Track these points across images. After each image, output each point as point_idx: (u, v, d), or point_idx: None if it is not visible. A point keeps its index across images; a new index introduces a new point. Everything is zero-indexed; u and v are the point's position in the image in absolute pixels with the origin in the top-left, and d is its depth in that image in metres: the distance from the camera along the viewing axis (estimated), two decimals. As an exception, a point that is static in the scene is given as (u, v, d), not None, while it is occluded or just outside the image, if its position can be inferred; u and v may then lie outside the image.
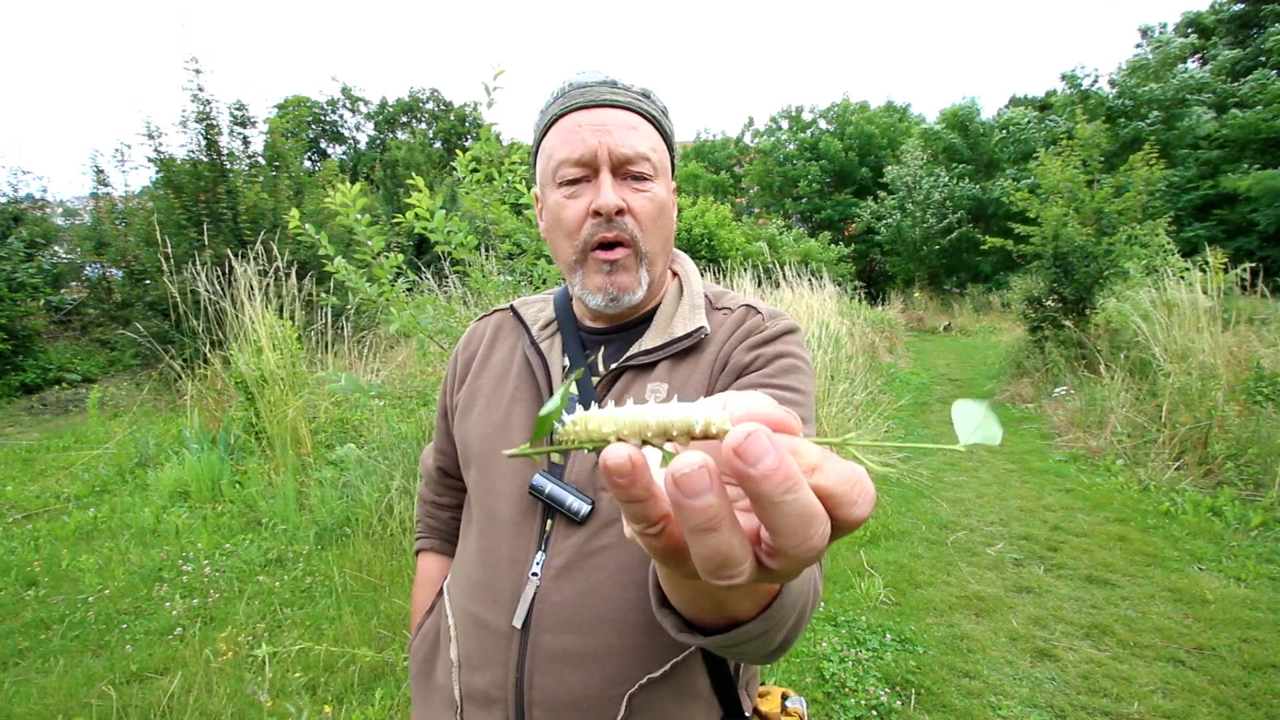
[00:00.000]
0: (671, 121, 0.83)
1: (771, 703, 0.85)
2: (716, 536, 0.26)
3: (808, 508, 0.25)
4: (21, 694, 2.31)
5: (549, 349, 0.84)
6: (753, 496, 0.25)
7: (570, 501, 0.73)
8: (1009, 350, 8.61)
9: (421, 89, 27.37)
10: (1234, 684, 2.27)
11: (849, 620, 2.77)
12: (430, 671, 0.85)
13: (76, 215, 12.20)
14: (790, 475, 0.24)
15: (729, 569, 0.27)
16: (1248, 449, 4.04)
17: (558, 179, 0.77)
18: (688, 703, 0.73)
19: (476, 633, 0.77)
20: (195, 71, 7.66)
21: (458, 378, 0.91)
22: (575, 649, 0.71)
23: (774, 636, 0.50)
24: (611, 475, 0.26)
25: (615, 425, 0.29)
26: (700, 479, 0.25)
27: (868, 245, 21.23)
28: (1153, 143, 7.98)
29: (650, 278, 0.80)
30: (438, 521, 0.99)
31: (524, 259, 3.21)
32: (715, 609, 0.46)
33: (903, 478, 4.58)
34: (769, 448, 0.24)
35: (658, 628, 0.71)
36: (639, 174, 0.76)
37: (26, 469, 5.23)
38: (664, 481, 0.26)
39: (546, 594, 0.73)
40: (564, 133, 0.76)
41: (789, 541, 0.26)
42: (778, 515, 0.25)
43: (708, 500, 0.25)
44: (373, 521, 3.54)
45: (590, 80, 0.77)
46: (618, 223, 0.75)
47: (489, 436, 0.81)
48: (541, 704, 0.71)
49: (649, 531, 0.29)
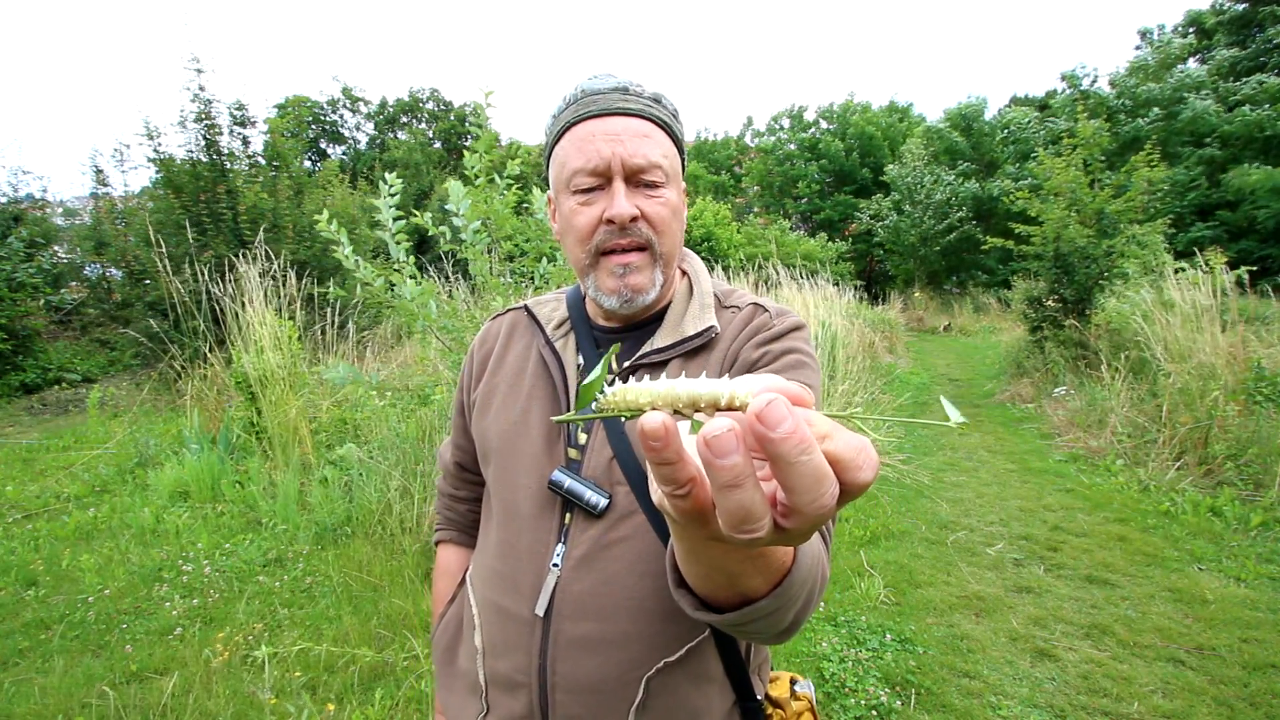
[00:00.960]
0: (682, 124, 0.84)
1: (781, 688, 0.87)
2: (741, 492, 0.29)
3: (820, 469, 0.28)
4: (21, 694, 2.31)
5: (563, 348, 0.86)
6: (772, 458, 0.28)
7: (588, 495, 0.76)
8: (1009, 350, 8.61)
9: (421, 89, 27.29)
10: (1234, 684, 2.27)
11: (849, 620, 2.77)
12: (453, 659, 0.88)
13: (76, 215, 12.21)
14: (805, 439, 0.27)
15: (750, 523, 0.30)
16: (1248, 449, 4.04)
17: (571, 186, 0.78)
18: (702, 685, 0.76)
19: (500, 621, 0.80)
20: (196, 71, 7.66)
21: (474, 375, 0.93)
22: (595, 635, 0.74)
23: (785, 615, 0.52)
24: (648, 438, 0.29)
25: (651, 396, 0.32)
26: (729, 441, 0.28)
27: (868, 245, 21.24)
28: (1154, 143, 7.98)
29: (664, 278, 0.82)
30: (456, 514, 1.01)
31: (525, 260, 3.22)
32: (729, 585, 0.48)
33: (903, 478, 4.58)
34: (787, 414, 0.27)
35: (673, 615, 0.74)
36: (651, 181, 0.78)
37: (26, 469, 5.23)
38: (696, 444, 0.29)
39: (567, 584, 0.76)
40: (577, 141, 0.77)
41: (803, 499, 0.29)
42: (793, 475, 0.28)
43: (734, 460, 0.28)
44: (372, 522, 3.54)
45: (602, 87, 0.78)
46: (631, 229, 0.77)
47: (507, 433, 0.84)
48: (564, 688, 0.74)
49: (677, 493, 0.32)
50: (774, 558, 0.47)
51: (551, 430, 0.81)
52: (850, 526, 3.75)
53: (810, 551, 0.51)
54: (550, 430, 0.81)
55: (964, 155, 19.89)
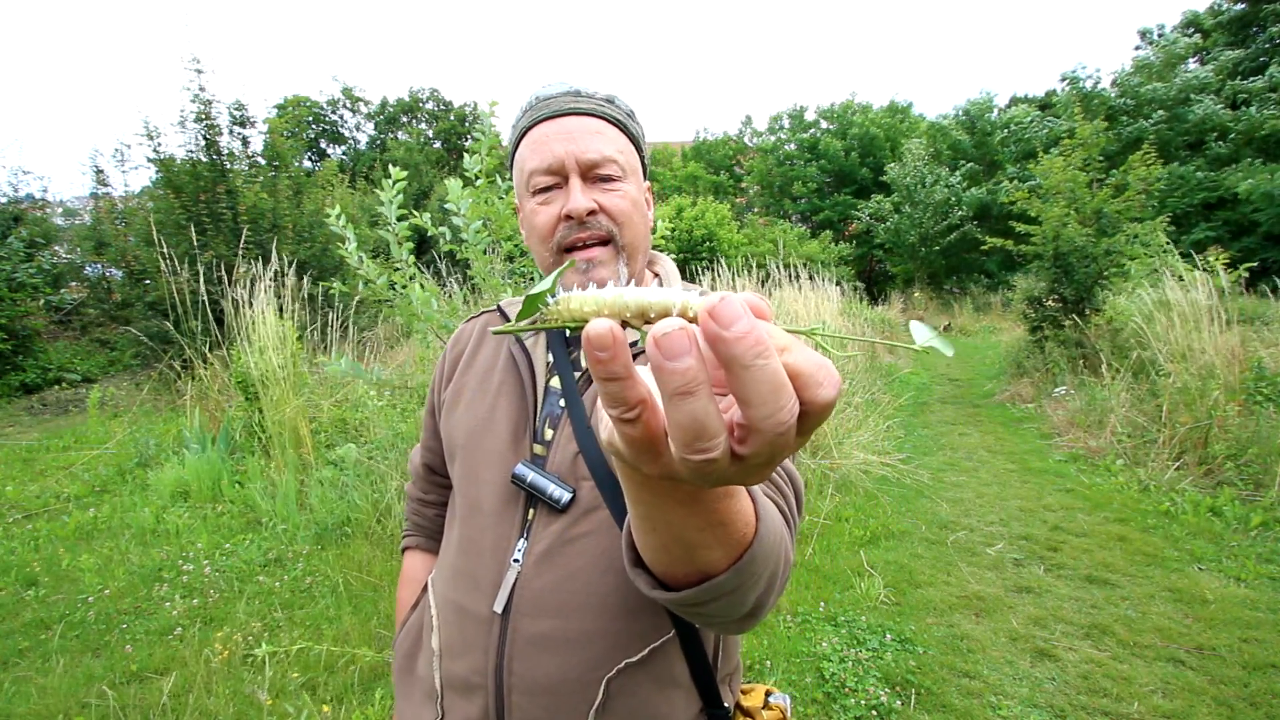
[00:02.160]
0: (639, 124, 0.85)
1: (755, 698, 0.85)
2: (694, 401, 0.26)
3: (777, 376, 0.26)
4: (21, 694, 2.31)
5: (533, 346, 0.85)
6: (726, 361, 0.26)
7: (551, 490, 0.74)
8: (1009, 350, 8.61)
9: (421, 89, 27.30)
10: (1234, 684, 2.27)
11: (849, 620, 2.77)
12: (412, 666, 0.86)
13: (76, 215, 12.23)
14: (761, 341, 0.25)
15: (705, 439, 0.27)
16: (1248, 449, 4.04)
17: (531, 187, 0.80)
18: (667, 689, 0.74)
19: (457, 620, 0.78)
20: (196, 71, 7.67)
21: (445, 375, 0.93)
22: (554, 633, 0.72)
23: (746, 595, 0.50)
24: (593, 347, 0.27)
25: (596, 305, 0.30)
26: (680, 340, 0.26)
27: (868, 246, 21.23)
28: (1151, 142, 7.98)
29: (629, 271, 0.82)
30: (424, 519, 1.00)
31: (526, 259, 3.23)
32: (687, 558, 0.46)
33: (903, 478, 4.58)
34: (742, 313, 0.25)
35: (635, 612, 0.72)
36: (607, 175, 0.79)
37: (26, 469, 5.23)
38: (646, 346, 0.26)
39: (527, 580, 0.74)
40: (533, 144, 0.79)
41: (760, 413, 0.26)
42: (749, 381, 0.26)
43: (687, 363, 0.26)
44: (372, 522, 3.54)
45: (554, 92, 0.80)
46: (590, 223, 0.78)
47: (474, 430, 0.83)
48: (521, 689, 0.72)
49: (626, 416, 0.29)
50: (734, 528, 0.45)
51: (518, 426, 0.80)
52: (850, 526, 3.75)
53: (773, 527, 0.50)
54: (516, 426, 0.80)
55: (967, 155, 19.85)
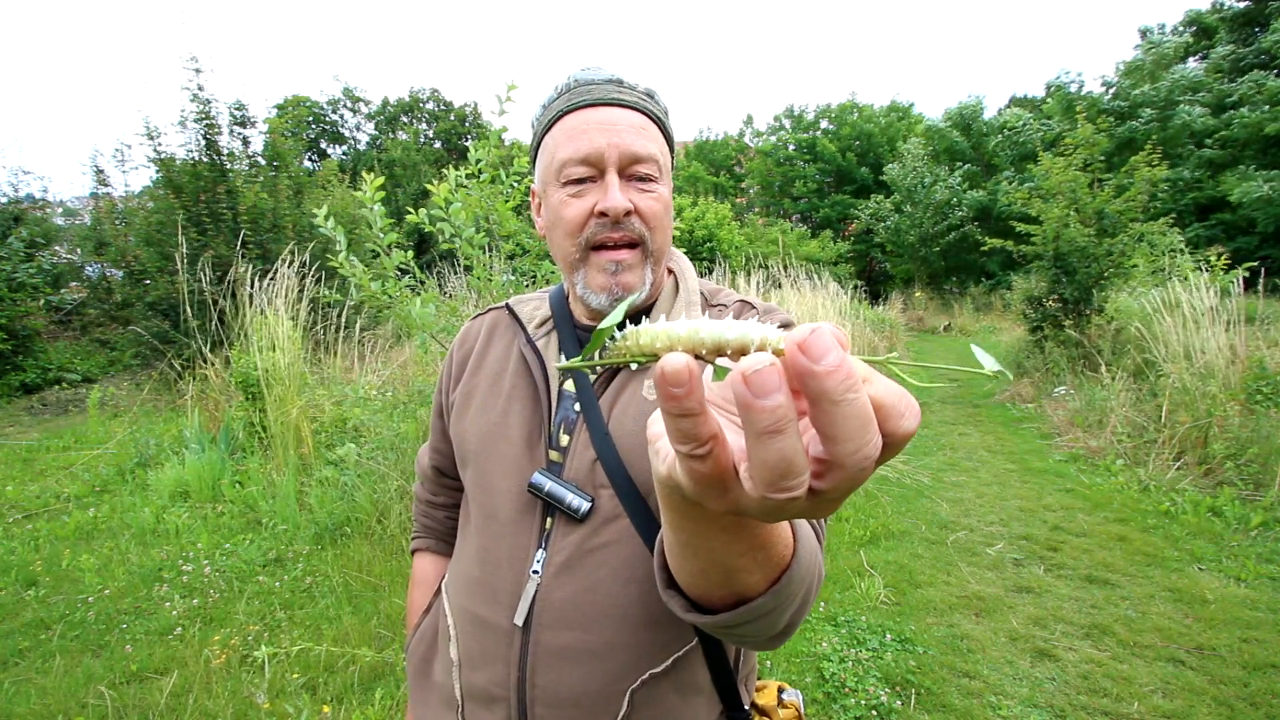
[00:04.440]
0: (671, 125, 0.83)
1: (768, 696, 0.85)
2: (784, 439, 0.25)
3: (865, 411, 0.25)
4: (21, 694, 2.31)
5: (545, 347, 0.83)
6: (814, 396, 0.25)
7: (570, 499, 0.72)
8: (1009, 350, 8.60)
9: (421, 89, 27.27)
10: (1234, 684, 2.27)
11: (849, 620, 2.77)
12: (428, 671, 0.84)
13: (76, 215, 12.22)
14: (851, 374, 0.24)
15: (790, 478, 0.26)
16: (1248, 449, 4.04)
17: (562, 178, 0.75)
18: (689, 696, 0.73)
19: (476, 631, 0.77)
20: (195, 71, 7.66)
21: (453, 376, 0.90)
22: (577, 646, 0.71)
23: (781, 615, 0.49)
24: (668, 383, 0.26)
25: (670, 339, 0.28)
26: (771, 377, 0.25)
27: (867, 245, 21.22)
28: (1153, 143, 7.98)
29: (654, 277, 0.79)
30: (433, 521, 0.98)
31: (527, 259, 3.22)
32: (725, 583, 0.45)
33: (903, 478, 4.58)
34: (833, 345, 0.24)
35: (659, 623, 0.71)
36: (646, 175, 0.75)
37: (26, 469, 5.23)
38: (731, 383, 0.25)
39: (547, 591, 0.72)
40: (569, 130, 0.74)
41: (845, 449, 0.25)
42: (838, 416, 0.25)
43: (777, 400, 0.25)
44: (372, 522, 3.54)
45: (596, 78, 0.76)
46: (625, 224, 0.74)
47: (486, 435, 0.80)
48: (544, 701, 0.71)
49: (696, 452, 0.28)
50: (774, 550, 0.45)
51: (532, 432, 0.78)
52: (850, 526, 3.75)
53: (809, 546, 0.49)
54: (531, 432, 0.78)
55: (964, 156, 19.87)
